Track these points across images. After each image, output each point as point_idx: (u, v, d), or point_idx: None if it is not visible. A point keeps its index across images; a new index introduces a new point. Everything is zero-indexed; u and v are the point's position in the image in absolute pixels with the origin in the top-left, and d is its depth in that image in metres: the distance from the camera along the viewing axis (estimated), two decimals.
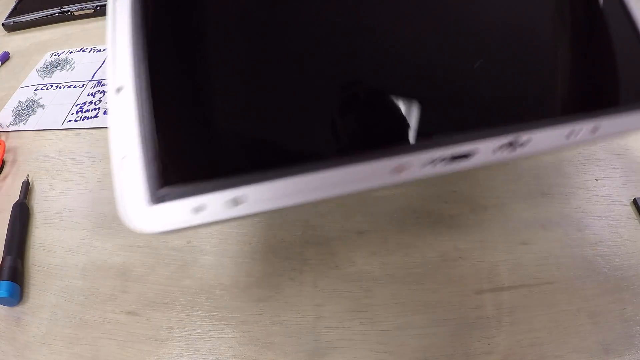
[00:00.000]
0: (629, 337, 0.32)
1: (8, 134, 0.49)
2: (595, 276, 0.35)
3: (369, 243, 0.36)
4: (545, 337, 0.32)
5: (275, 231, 0.38)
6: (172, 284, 0.35)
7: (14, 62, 0.60)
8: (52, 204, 0.42)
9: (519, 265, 0.35)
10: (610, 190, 0.41)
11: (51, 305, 0.35)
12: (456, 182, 0.41)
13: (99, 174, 0.43)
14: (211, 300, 0.34)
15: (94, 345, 0.32)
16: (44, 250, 0.38)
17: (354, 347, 0.32)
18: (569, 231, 0.38)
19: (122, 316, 0.34)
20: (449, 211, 0.39)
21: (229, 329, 0.33)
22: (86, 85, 0.54)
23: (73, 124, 0.49)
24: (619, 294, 0.34)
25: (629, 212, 0.40)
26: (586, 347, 0.31)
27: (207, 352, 0.32)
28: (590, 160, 0.44)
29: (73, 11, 0.64)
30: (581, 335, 0.32)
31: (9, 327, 0.34)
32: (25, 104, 0.52)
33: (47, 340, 0.33)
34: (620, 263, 0.36)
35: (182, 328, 0.33)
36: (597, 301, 0.34)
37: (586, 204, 0.40)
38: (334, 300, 0.34)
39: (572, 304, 0.34)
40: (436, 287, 0.34)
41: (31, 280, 0.36)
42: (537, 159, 0.44)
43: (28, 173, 0.44)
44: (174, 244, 0.38)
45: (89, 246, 0.38)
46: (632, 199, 0.40)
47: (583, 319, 0.33)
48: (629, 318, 0.33)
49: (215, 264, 0.36)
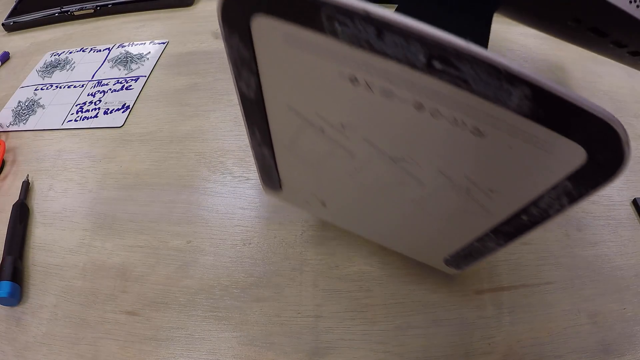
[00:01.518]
0: (629, 337, 0.32)
1: (8, 134, 0.49)
2: (595, 276, 0.35)
3: (369, 243, 0.36)
4: (545, 337, 0.32)
5: (275, 231, 0.38)
6: (172, 284, 0.35)
7: (14, 62, 0.60)
8: (52, 204, 0.42)
9: (519, 265, 0.35)
10: (610, 190, 0.41)
11: (51, 305, 0.35)
12: None
13: (99, 174, 0.43)
14: (211, 300, 0.34)
15: (94, 345, 0.32)
16: (44, 250, 0.38)
17: (353, 347, 0.32)
18: (569, 231, 0.38)
19: (122, 316, 0.34)
20: None
21: (229, 329, 0.33)
22: (86, 85, 0.54)
23: (73, 124, 0.49)
24: (619, 294, 0.34)
25: (629, 212, 0.40)
26: (586, 347, 0.31)
27: (207, 352, 0.32)
28: None
29: (73, 11, 0.64)
30: (581, 335, 0.32)
31: (9, 327, 0.34)
32: (25, 104, 0.52)
33: (47, 340, 0.33)
34: (620, 263, 0.36)
35: (182, 328, 0.33)
36: (597, 301, 0.34)
37: (586, 204, 0.40)
38: (334, 300, 0.34)
39: (572, 304, 0.34)
40: (436, 287, 0.34)
41: (31, 280, 0.36)
42: None
43: (28, 173, 0.44)
44: (174, 244, 0.38)
45: (89, 246, 0.38)
46: (632, 199, 0.40)
47: (583, 319, 0.33)
48: (629, 318, 0.33)
49: (215, 264, 0.36)
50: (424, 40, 0.14)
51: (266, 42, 0.18)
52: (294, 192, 0.29)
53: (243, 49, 0.18)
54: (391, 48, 0.15)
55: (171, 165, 0.43)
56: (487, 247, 0.22)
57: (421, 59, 0.15)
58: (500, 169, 0.18)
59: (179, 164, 0.43)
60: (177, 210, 0.40)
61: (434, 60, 0.14)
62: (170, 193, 0.41)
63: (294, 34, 0.16)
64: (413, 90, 0.16)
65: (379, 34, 0.15)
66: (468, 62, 0.14)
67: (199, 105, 0.49)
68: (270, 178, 0.27)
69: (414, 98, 0.17)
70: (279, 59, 0.18)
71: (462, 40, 0.14)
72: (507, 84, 0.14)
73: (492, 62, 0.14)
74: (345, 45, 0.16)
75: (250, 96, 0.21)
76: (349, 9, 0.14)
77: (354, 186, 0.24)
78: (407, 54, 0.15)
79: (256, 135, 0.24)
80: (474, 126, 0.16)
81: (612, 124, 0.14)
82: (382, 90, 0.17)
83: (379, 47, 0.15)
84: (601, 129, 0.14)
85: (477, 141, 0.17)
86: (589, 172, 0.15)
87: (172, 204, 0.40)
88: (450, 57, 0.14)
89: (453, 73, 0.14)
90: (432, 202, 0.22)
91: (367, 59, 0.16)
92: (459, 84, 0.15)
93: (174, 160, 0.44)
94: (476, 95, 0.15)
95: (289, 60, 0.18)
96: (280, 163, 0.25)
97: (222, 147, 0.44)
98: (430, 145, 0.19)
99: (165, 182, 0.42)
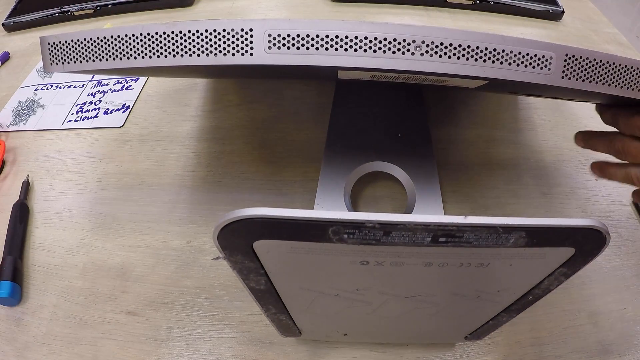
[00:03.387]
0: (629, 337, 0.32)
1: (8, 134, 0.49)
2: (595, 276, 0.35)
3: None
4: (545, 337, 0.32)
5: None
6: (172, 284, 0.35)
7: (14, 62, 0.60)
8: (52, 204, 0.42)
9: None
10: (610, 190, 0.41)
11: (51, 305, 0.35)
12: (456, 182, 0.41)
13: (99, 174, 0.43)
14: (211, 300, 0.34)
15: (94, 345, 0.32)
16: (44, 250, 0.38)
17: (353, 347, 0.32)
18: None
19: (122, 316, 0.34)
20: (449, 211, 0.39)
21: (229, 329, 0.33)
22: (86, 85, 0.54)
23: (73, 124, 0.49)
24: (619, 294, 0.34)
25: (629, 212, 0.40)
26: (586, 347, 0.31)
27: (207, 352, 0.32)
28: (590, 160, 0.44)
29: (73, 11, 0.64)
30: (581, 335, 0.32)
31: (9, 327, 0.34)
32: (25, 104, 0.52)
33: (47, 340, 0.33)
34: (620, 263, 0.36)
35: (182, 328, 0.33)
36: (597, 301, 0.34)
37: (586, 204, 0.40)
38: None
39: (572, 304, 0.34)
40: None
41: (31, 280, 0.36)
42: (538, 159, 0.44)
43: (28, 173, 0.44)
44: (174, 244, 0.38)
45: (89, 246, 0.38)
46: (632, 199, 0.40)
47: (583, 319, 0.33)
48: (629, 318, 0.33)
49: (215, 264, 0.36)
50: (428, 227, 0.15)
51: (272, 255, 0.18)
52: (314, 334, 0.30)
53: (248, 262, 0.18)
54: (399, 239, 0.16)
55: (171, 165, 0.43)
56: (501, 321, 0.25)
57: (427, 239, 0.16)
58: (504, 278, 0.20)
59: (178, 164, 0.43)
60: (177, 210, 0.40)
61: (440, 237, 0.16)
62: (170, 193, 0.41)
63: (301, 246, 0.17)
64: (422, 258, 0.18)
65: (387, 234, 0.16)
66: (469, 231, 0.16)
67: (198, 105, 0.49)
68: (288, 331, 0.28)
69: (422, 261, 0.18)
70: (288, 262, 0.18)
71: (461, 217, 0.15)
72: (505, 234, 0.16)
73: (490, 224, 0.15)
74: (354, 245, 0.16)
75: (261, 289, 0.21)
76: (355, 224, 0.15)
77: (374, 318, 0.25)
78: (414, 240, 0.16)
79: (271, 310, 0.24)
80: (478, 263, 0.18)
81: (595, 227, 0.16)
82: (393, 263, 0.18)
83: (387, 241, 0.16)
84: (586, 233, 0.16)
85: (482, 270, 0.19)
86: (579, 258, 0.18)
87: (172, 204, 0.40)
88: (453, 232, 0.16)
89: (457, 241, 0.16)
90: (448, 310, 0.24)
91: (377, 249, 0.17)
92: (463, 245, 0.16)
93: (174, 160, 0.44)
94: (479, 247, 0.17)
95: (299, 261, 0.18)
96: (298, 320, 0.26)
97: (222, 147, 0.44)
98: (441, 283, 0.21)
99: (165, 182, 0.42)
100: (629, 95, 0.23)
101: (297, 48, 0.20)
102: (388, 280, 0.20)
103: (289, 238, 0.16)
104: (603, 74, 0.22)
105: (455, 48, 0.20)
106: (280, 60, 0.20)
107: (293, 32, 0.20)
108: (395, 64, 0.20)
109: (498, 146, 0.45)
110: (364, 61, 0.20)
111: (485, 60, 0.20)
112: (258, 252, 0.17)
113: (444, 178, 0.41)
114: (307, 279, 0.20)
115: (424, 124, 0.40)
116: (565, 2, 0.66)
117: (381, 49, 0.20)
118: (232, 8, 0.67)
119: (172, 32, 0.21)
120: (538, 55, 0.21)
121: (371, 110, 0.41)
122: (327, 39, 0.20)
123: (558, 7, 0.65)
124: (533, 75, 0.21)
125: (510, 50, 0.20)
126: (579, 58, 0.21)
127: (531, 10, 0.65)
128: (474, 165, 0.43)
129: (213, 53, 0.21)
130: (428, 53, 0.20)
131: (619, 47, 0.61)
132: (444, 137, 0.45)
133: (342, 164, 0.36)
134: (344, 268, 0.19)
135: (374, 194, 0.39)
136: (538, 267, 0.19)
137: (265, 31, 0.20)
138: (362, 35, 0.20)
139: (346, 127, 0.40)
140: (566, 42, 0.62)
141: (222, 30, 0.20)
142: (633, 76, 0.23)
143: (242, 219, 0.15)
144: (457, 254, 0.17)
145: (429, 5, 0.68)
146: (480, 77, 0.21)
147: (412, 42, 0.20)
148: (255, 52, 0.20)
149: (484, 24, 0.64)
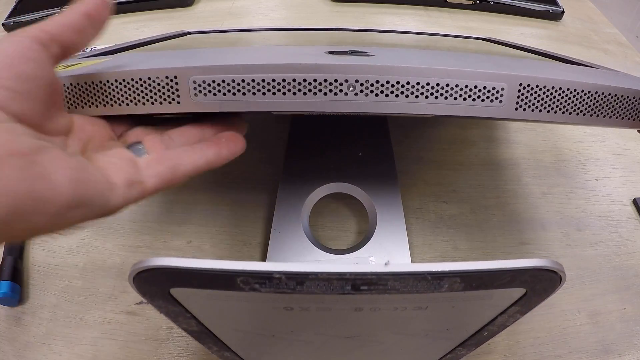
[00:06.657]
0: (629, 337, 0.32)
1: None
2: (595, 276, 0.35)
3: None
4: (545, 337, 0.32)
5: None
6: None
7: None
8: None
9: None
10: (610, 190, 0.41)
11: (51, 305, 0.35)
12: (456, 182, 0.41)
13: None
14: None
15: (94, 345, 0.32)
16: (44, 250, 0.38)
17: None
18: (569, 231, 0.38)
19: (122, 316, 0.34)
20: (449, 211, 0.39)
21: None
22: None
23: None
24: (619, 294, 0.34)
25: (629, 212, 0.40)
26: (586, 347, 0.31)
27: (207, 352, 0.32)
28: (590, 160, 0.44)
29: None
30: (581, 335, 0.32)
31: (9, 327, 0.34)
32: None
33: (47, 340, 0.33)
34: (620, 263, 0.36)
35: None
36: (597, 301, 0.34)
37: (586, 204, 0.40)
38: None
39: (572, 304, 0.34)
40: None
41: (31, 280, 0.36)
42: (538, 159, 0.44)
43: None
44: (174, 244, 0.38)
45: (89, 246, 0.38)
46: (632, 199, 0.40)
47: (583, 319, 0.33)
48: (629, 318, 0.33)
49: None
50: (344, 277, 0.15)
51: (194, 301, 0.17)
52: None
53: (171, 307, 0.18)
54: (315, 288, 0.15)
55: None
56: (460, 355, 0.24)
57: (347, 287, 0.15)
58: (450, 319, 0.19)
59: None
60: (177, 210, 0.40)
61: (361, 286, 0.15)
62: (170, 193, 0.41)
63: (217, 294, 0.16)
64: (348, 304, 0.17)
65: (300, 283, 0.15)
66: (392, 279, 0.15)
67: None
68: None
69: (351, 307, 0.17)
70: (212, 307, 0.18)
71: (380, 266, 0.14)
72: (436, 280, 0.15)
73: (415, 272, 0.15)
74: (270, 294, 0.16)
75: (194, 330, 0.20)
76: (262, 274, 0.15)
77: (323, 354, 0.24)
78: (332, 289, 0.15)
79: (213, 348, 0.23)
80: (415, 306, 0.17)
81: (546, 267, 0.15)
82: (319, 308, 0.17)
83: (304, 290, 0.15)
84: (535, 273, 0.15)
85: (422, 312, 0.18)
86: (532, 297, 0.17)
87: (172, 204, 0.40)
88: (373, 281, 0.15)
89: (382, 289, 0.15)
90: (397, 347, 0.23)
91: (296, 297, 0.16)
92: (390, 292, 0.15)
93: None
94: (409, 294, 0.16)
95: (222, 306, 0.18)
96: (246, 356, 0.25)
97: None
98: (379, 325, 0.20)
99: None
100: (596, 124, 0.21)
101: (224, 94, 0.19)
102: (320, 324, 0.19)
103: (202, 287, 0.16)
104: (564, 102, 0.20)
105: (392, 85, 0.18)
106: (207, 108, 0.19)
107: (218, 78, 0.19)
108: (326, 106, 0.19)
109: (498, 146, 0.45)
110: (292, 104, 0.19)
111: (427, 96, 0.19)
112: (178, 299, 0.17)
113: (444, 178, 0.41)
114: (237, 322, 0.20)
115: (386, 142, 0.39)
116: (565, 2, 0.66)
117: (311, 90, 0.18)
118: (232, 8, 0.67)
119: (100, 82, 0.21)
120: (487, 87, 0.19)
121: (332, 130, 0.40)
122: (253, 83, 0.19)
123: (558, 7, 0.65)
124: (482, 109, 0.19)
125: (456, 84, 0.18)
126: (535, 87, 0.19)
127: (531, 10, 0.65)
128: (474, 165, 0.43)
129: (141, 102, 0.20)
130: (363, 92, 0.18)
131: (619, 47, 0.62)
132: (444, 138, 0.45)
133: (301, 187, 0.35)
134: (270, 313, 0.18)
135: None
136: (486, 307, 0.18)
137: (189, 78, 0.19)
138: (290, 77, 0.18)
139: (304, 148, 0.39)
140: (566, 42, 0.62)
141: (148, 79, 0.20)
142: (600, 103, 0.20)
143: (151, 269, 0.15)
144: (387, 300, 0.16)
145: (429, 5, 0.68)
146: (423, 114, 0.19)
147: (345, 82, 0.18)
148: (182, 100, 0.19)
149: (483, 24, 0.64)
